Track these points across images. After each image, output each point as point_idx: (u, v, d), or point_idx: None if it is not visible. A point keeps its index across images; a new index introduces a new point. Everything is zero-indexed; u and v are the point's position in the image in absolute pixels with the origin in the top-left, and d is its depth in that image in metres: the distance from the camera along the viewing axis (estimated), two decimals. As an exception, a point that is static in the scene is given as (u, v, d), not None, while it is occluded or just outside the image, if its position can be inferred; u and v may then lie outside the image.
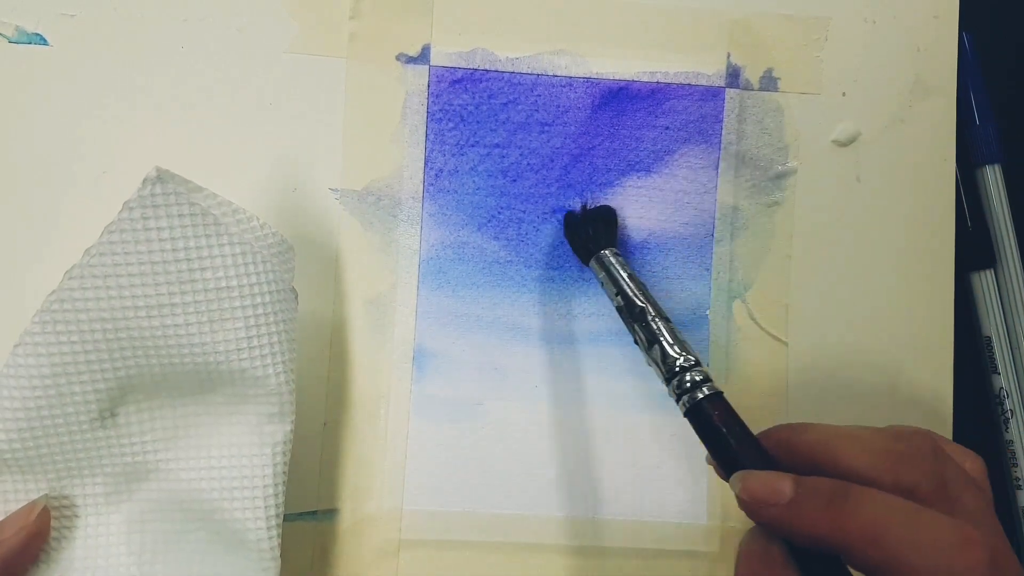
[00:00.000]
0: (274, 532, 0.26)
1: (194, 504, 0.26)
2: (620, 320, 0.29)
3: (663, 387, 0.26)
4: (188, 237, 0.25)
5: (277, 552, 0.26)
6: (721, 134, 0.32)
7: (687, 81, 0.32)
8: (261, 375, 0.26)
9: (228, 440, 0.26)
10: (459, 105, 0.32)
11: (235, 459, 0.26)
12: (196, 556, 0.27)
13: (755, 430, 0.32)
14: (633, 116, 0.32)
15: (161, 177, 0.24)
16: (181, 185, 0.25)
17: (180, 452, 0.27)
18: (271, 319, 0.26)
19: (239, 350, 0.25)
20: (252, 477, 0.26)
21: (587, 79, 0.32)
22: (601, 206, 0.31)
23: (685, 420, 0.25)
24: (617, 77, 0.32)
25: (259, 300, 0.25)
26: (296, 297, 0.27)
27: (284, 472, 0.26)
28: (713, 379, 0.26)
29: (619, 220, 0.32)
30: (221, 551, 0.26)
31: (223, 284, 0.25)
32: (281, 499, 0.26)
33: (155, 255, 0.25)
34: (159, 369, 0.26)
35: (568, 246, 0.31)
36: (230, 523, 0.26)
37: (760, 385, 0.32)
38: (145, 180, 0.24)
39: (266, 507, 0.26)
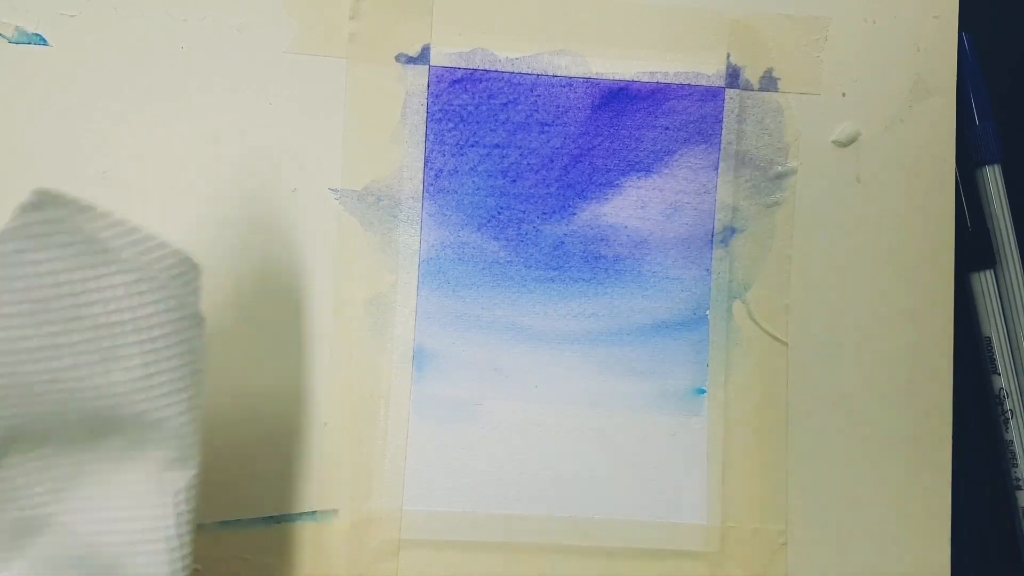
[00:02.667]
0: None
1: (93, 559, 0.24)
2: (620, 320, 0.29)
3: (663, 387, 0.26)
4: (72, 269, 0.22)
5: None
6: (721, 134, 0.32)
7: (687, 81, 0.32)
8: (161, 416, 0.23)
9: (126, 489, 0.24)
10: (459, 105, 0.32)
11: (134, 510, 0.24)
12: None
13: (755, 431, 0.32)
14: (633, 116, 0.32)
15: (38, 203, 0.21)
16: (63, 209, 0.22)
17: (75, 504, 0.24)
18: (172, 352, 0.23)
19: (136, 391, 0.23)
20: (154, 529, 0.23)
21: (587, 79, 0.32)
22: None
23: (684, 420, 0.25)
24: (617, 77, 0.32)
25: (157, 333, 0.23)
26: (202, 323, 0.24)
27: (189, 522, 0.24)
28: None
29: (619, 220, 0.32)
30: None
31: (115, 319, 0.22)
32: (187, 550, 0.24)
33: (34, 292, 0.22)
34: (47, 416, 0.23)
35: (568, 247, 0.31)
36: None
37: (760, 385, 0.32)
38: (19, 207, 0.21)
39: (171, 560, 0.23)
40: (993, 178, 0.33)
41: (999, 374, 0.33)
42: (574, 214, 0.32)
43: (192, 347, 0.24)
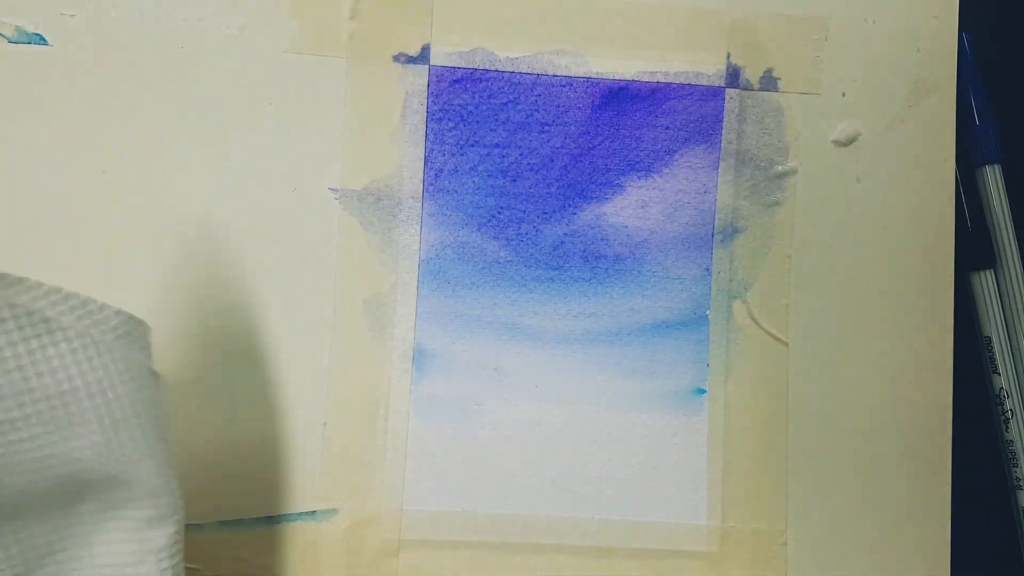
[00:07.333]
0: None
1: None
2: (620, 320, 0.29)
3: (663, 387, 0.26)
4: (15, 343, 0.21)
5: None
6: (721, 134, 0.32)
7: (687, 81, 0.32)
8: (132, 478, 0.23)
9: (108, 549, 0.24)
10: (459, 105, 0.32)
11: (118, 569, 0.23)
12: None
13: (755, 431, 0.32)
14: (633, 116, 0.32)
15: None
16: None
17: (59, 568, 0.24)
18: (129, 412, 0.23)
19: (99, 456, 0.22)
20: None
21: (587, 79, 0.32)
22: None
23: (684, 420, 0.25)
24: (617, 77, 0.32)
25: (111, 395, 0.22)
26: (157, 379, 0.24)
27: (177, 574, 0.24)
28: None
29: (619, 220, 0.32)
30: None
31: (66, 387, 0.22)
32: None
33: None
34: (14, 488, 0.23)
35: (568, 247, 0.31)
36: None
37: (760, 385, 0.32)
38: None
39: None
40: (993, 178, 0.33)
41: (999, 374, 0.33)
42: (574, 214, 0.32)
43: (149, 405, 0.23)
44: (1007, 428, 0.32)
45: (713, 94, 0.32)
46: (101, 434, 0.22)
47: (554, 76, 0.32)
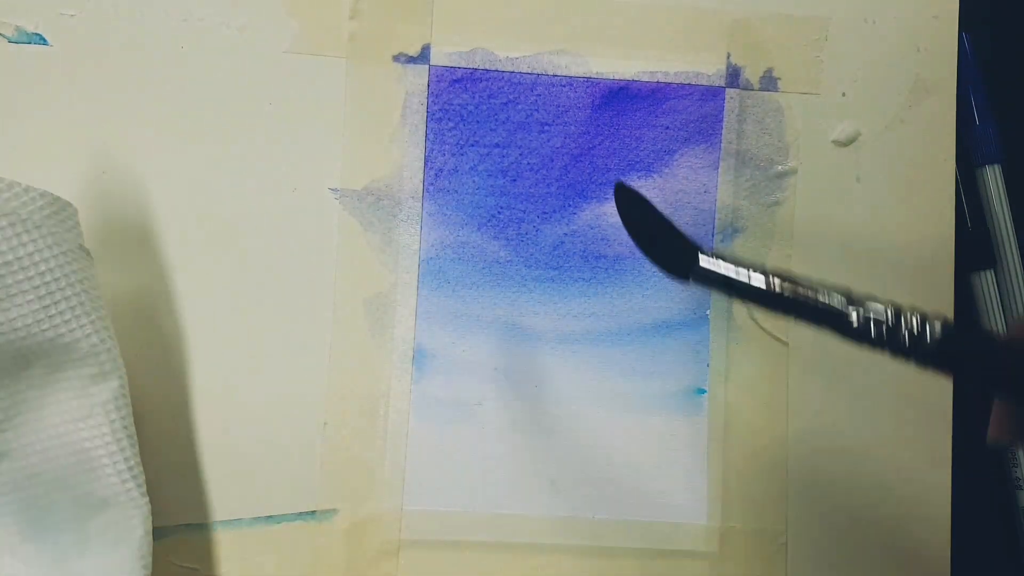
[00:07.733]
0: (131, 484, 0.26)
1: (48, 476, 0.27)
2: (620, 320, 0.28)
3: (663, 387, 0.26)
4: None
5: (142, 502, 0.27)
6: (721, 134, 0.32)
7: (687, 81, 0.32)
8: (70, 340, 0.26)
9: (59, 408, 0.26)
10: (459, 105, 0.32)
11: (71, 425, 0.26)
12: (63, 524, 0.27)
13: (755, 431, 0.32)
14: (633, 116, 0.32)
15: None
16: None
17: (18, 431, 0.26)
18: (63, 283, 0.26)
19: (39, 322, 0.25)
20: (92, 439, 0.26)
21: (587, 79, 0.32)
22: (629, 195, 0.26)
23: (684, 420, 0.25)
24: (617, 77, 0.32)
25: (45, 268, 0.25)
26: (89, 254, 0.27)
27: (126, 426, 0.27)
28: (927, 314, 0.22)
29: (619, 220, 0.32)
30: (87, 514, 0.27)
31: (0, 261, 0.25)
32: (131, 451, 0.27)
33: None
34: None
35: (568, 247, 0.31)
36: (87, 486, 0.26)
37: (760, 385, 0.32)
38: None
39: (114, 463, 0.26)
40: (993, 178, 0.33)
41: (999, 374, 0.32)
42: (574, 214, 0.32)
43: (84, 276, 0.26)
44: (1007, 428, 0.32)
45: (713, 94, 0.32)
46: (38, 302, 0.25)
47: (554, 76, 0.32)
